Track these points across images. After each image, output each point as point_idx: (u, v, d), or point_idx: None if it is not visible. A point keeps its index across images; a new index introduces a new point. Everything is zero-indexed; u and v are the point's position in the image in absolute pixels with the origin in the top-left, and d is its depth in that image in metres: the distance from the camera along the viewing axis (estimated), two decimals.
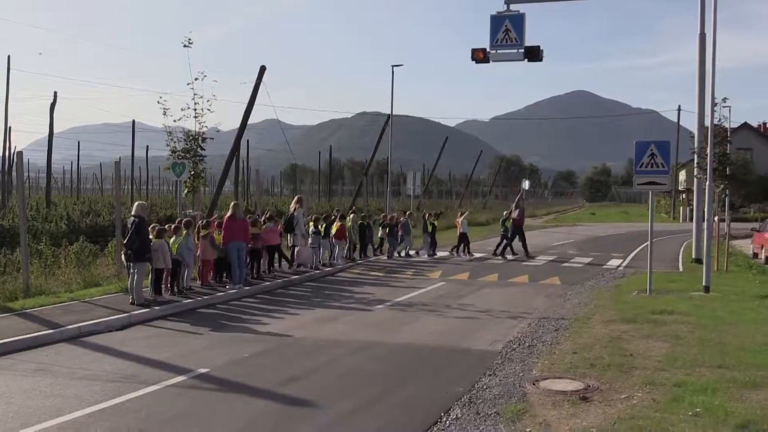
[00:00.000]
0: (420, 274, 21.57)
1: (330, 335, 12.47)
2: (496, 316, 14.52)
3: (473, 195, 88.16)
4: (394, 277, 20.99)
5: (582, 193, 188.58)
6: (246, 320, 13.94)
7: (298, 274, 20.44)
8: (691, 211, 53.08)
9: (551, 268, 23.58)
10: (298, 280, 19.82)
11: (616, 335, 11.63)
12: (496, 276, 21.17)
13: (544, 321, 13.67)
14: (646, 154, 16.56)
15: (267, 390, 8.97)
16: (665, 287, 17.71)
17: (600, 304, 15.31)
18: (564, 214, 78.83)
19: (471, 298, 17.08)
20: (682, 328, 12.16)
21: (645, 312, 13.68)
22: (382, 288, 18.67)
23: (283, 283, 19.05)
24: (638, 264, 24.24)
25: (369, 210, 39.24)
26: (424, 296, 17.28)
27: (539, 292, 18.06)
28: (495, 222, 48.98)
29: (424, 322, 13.86)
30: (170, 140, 20.05)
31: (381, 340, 12.02)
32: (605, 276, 21.31)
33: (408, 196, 39.56)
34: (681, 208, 66.71)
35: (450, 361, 10.59)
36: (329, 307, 15.61)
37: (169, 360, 10.54)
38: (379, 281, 20.15)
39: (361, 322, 13.86)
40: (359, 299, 16.73)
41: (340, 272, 22.08)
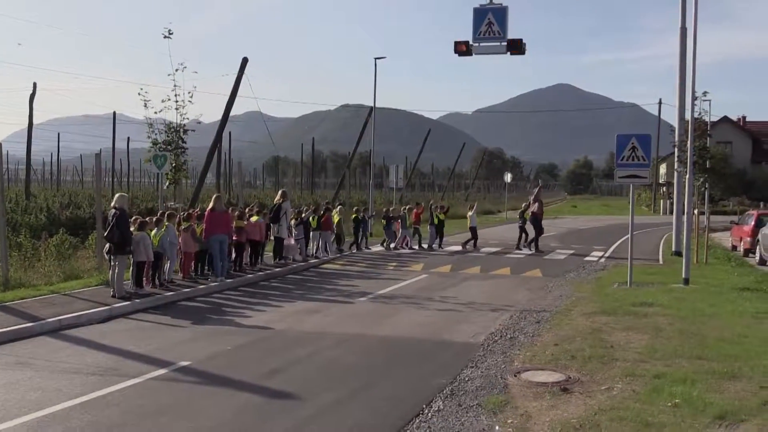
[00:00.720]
0: (402, 267, 21.60)
1: (312, 328, 12.47)
2: (478, 308, 14.57)
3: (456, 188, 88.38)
4: (377, 270, 21.00)
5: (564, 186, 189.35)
6: (228, 313, 13.89)
7: (281, 267, 20.41)
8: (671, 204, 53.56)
9: (533, 260, 23.68)
10: (281, 273, 19.78)
11: (597, 327, 11.71)
12: (478, 268, 21.24)
13: (526, 313, 13.73)
14: (627, 148, 16.67)
15: (249, 382, 8.95)
16: (645, 279, 17.85)
17: (581, 297, 15.40)
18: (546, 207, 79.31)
19: (453, 290, 17.13)
20: (661, 320, 12.26)
21: (625, 304, 13.78)
22: (365, 280, 18.67)
23: (266, 276, 19.00)
24: (619, 256, 24.40)
25: (366, 204, 39.18)
26: (407, 288, 17.30)
27: (521, 285, 18.14)
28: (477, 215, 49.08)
29: (407, 314, 13.89)
30: (151, 132, 19.91)
31: (363, 333, 12.03)
32: (586, 268, 21.44)
33: (391, 188, 39.55)
34: (661, 201, 67.19)
35: (432, 354, 10.61)
36: (312, 299, 15.59)
37: (150, 353, 10.49)
38: (361, 274, 20.15)
39: (344, 314, 13.86)
40: (341, 292, 16.72)
41: (323, 265, 22.06)
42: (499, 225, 41.38)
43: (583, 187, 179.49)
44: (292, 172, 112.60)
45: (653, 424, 6.97)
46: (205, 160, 26.95)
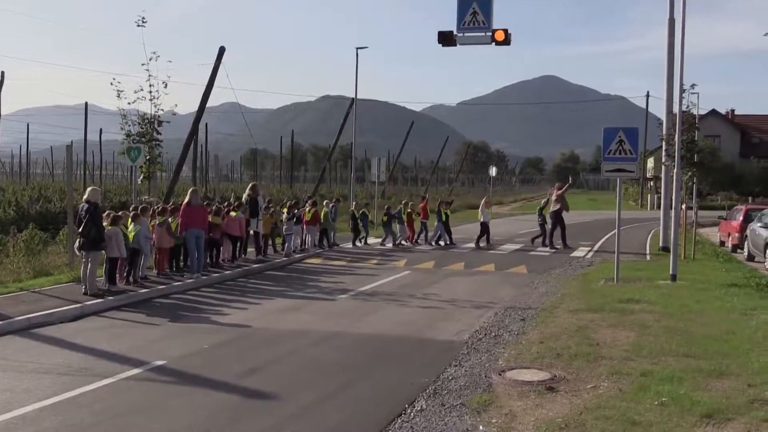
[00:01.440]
0: (385, 263, 21.62)
1: (292, 325, 12.46)
2: (461, 305, 14.61)
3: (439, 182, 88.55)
4: (358, 266, 21.01)
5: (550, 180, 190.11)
6: (204, 310, 13.85)
7: (259, 263, 20.36)
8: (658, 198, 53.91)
9: (518, 256, 23.79)
10: (259, 269, 19.74)
11: (583, 324, 11.79)
12: (461, 265, 21.31)
13: (511, 310, 13.80)
14: (615, 141, 16.77)
15: (226, 382, 8.93)
16: (632, 276, 17.98)
17: (567, 293, 15.50)
18: (531, 202, 79.44)
19: (436, 287, 17.17)
20: (648, 317, 12.36)
21: (612, 301, 13.88)
22: (346, 277, 18.68)
23: (244, 273, 18.96)
24: (606, 252, 24.56)
25: (365, 200, 39.14)
26: (389, 285, 17.32)
27: (506, 281, 18.22)
28: (460, 209, 49.25)
29: (389, 311, 13.91)
30: (124, 124, 19.80)
31: (344, 331, 12.04)
32: (572, 264, 21.57)
33: (372, 182, 39.54)
34: (649, 196, 67.66)
35: (415, 352, 10.64)
36: (291, 296, 15.57)
37: (123, 352, 10.44)
38: (342, 270, 20.16)
39: (324, 311, 13.86)
40: (322, 288, 16.72)
41: (303, 261, 22.04)
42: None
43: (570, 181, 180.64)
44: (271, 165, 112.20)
45: (640, 423, 7.03)
46: (181, 153, 26.78)
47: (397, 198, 47.43)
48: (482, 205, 27.33)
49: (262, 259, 21.05)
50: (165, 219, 17.50)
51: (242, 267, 19.47)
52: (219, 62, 25.63)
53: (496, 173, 60.48)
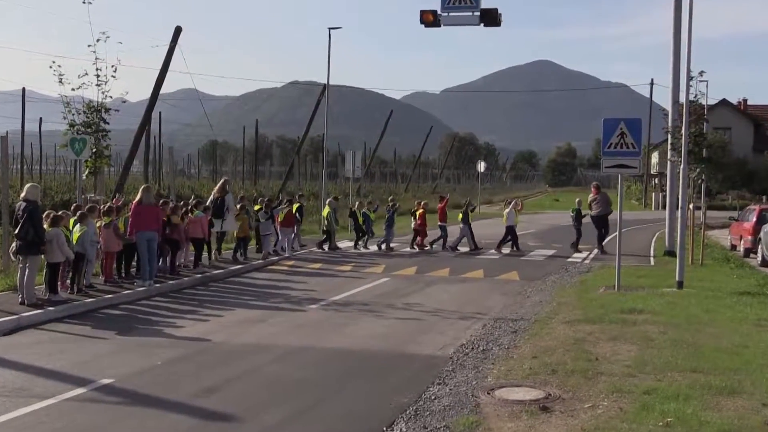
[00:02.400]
0: (360, 269, 21.63)
1: (255, 339, 12.42)
2: (446, 316, 14.65)
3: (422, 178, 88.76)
4: (331, 273, 20.99)
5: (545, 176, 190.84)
6: (157, 323, 13.77)
7: (220, 269, 20.29)
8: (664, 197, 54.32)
9: (509, 261, 23.88)
10: (220, 276, 19.66)
11: (581, 337, 11.85)
12: (446, 271, 21.36)
13: (501, 322, 13.85)
14: (615, 134, 16.88)
15: (182, 402, 8.89)
16: (635, 283, 18.11)
17: (563, 303, 15.58)
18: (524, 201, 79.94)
19: (418, 296, 17.20)
20: (652, 328, 12.46)
21: (612, 311, 13.97)
22: (316, 285, 18.66)
23: (202, 280, 18.88)
24: (606, 257, 24.72)
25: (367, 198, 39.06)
26: (365, 294, 17.33)
27: (495, 289, 18.29)
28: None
29: (364, 323, 13.91)
30: (68, 112, 19.65)
31: (314, 345, 12.02)
32: (569, 270, 21.68)
33: (347, 178, 39.55)
34: (653, 195, 68.17)
35: (394, 368, 10.65)
36: (255, 307, 15.53)
37: (66, 369, 10.35)
38: (313, 277, 20.13)
39: (292, 323, 13.84)
40: (289, 298, 16.69)
41: (270, 267, 21.99)
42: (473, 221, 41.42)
43: (567, 177, 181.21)
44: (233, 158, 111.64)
45: None
46: (131, 145, 26.65)
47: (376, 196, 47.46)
48: (510, 207, 27.18)
49: (221, 265, 20.95)
50: (112, 219, 17.37)
51: (202, 273, 19.39)
52: (174, 44, 25.53)
53: (485, 169, 60.63)
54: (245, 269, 21.06)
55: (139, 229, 17.23)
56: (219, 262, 21.40)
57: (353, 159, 34.91)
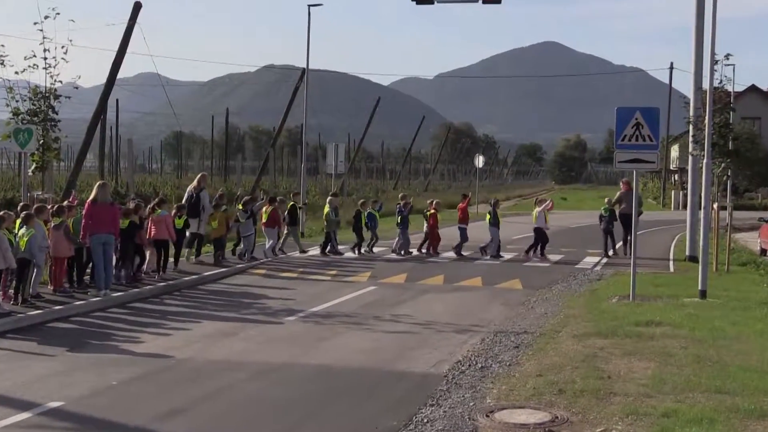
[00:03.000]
0: (344, 276, 21.60)
1: (225, 355, 12.38)
2: (440, 329, 14.64)
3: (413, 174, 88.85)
4: (311, 280, 20.97)
5: (551, 172, 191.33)
6: (114, 337, 13.71)
7: (187, 276, 20.23)
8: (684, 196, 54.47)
9: (510, 268, 23.90)
10: (187, 284, 19.61)
11: (591, 353, 11.86)
12: (440, 278, 21.36)
13: (502, 336, 13.85)
14: (630, 124, 16.90)
15: (141, 427, 8.85)
16: (652, 292, 18.14)
17: (571, 314, 15.59)
18: (527, 199, 79.88)
19: (409, 306, 17.19)
20: (672, 343, 12.48)
21: (627, 323, 13.99)
22: (295, 293, 18.63)
23: (166, 288, 18.81)
24: (619, 262, 24.76)
25: (369, 196, 39.05)
26: (349, 304, 17.31)
27: (495, 299, 18.30)
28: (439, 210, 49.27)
29: (348, 337, 13.89)
30: (11, 99, 19.54)
31: (291, 361, 12.00)
32: (578, 278, 21.71)
33: (328, 174, 39.54)
34: (672, 193, 68.35)
35: (381, 388, 10.63)
36: (225, 318, 15.49)
37: (8, 392, 10.29)
38: (291, 285, 20.10)
39: (266, 337, 13.81)
40: (264, 308, 16.66)
41: (243, 273, 21.95)
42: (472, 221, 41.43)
43: (576, 173, 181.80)
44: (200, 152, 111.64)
45: None
46: (84, 137, 26.52)
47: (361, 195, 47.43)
48: (542, 207, 27.12)
49: (188, 271, 20.90)
50: (63, 221, 17.29)
51: (167, 281, 19.32)
52: (134, 22, 25.42)
53: (484, 163, 60.68)
54: (215, 276, 21.00)
55: (93, 231, 17.13)
56: (187, 268, 21.32)
57: (336, 152, 34.94)
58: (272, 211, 24.54)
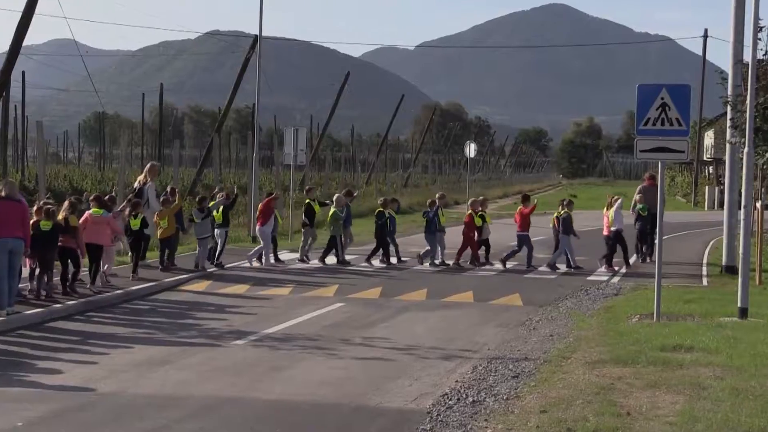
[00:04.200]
0: (304, 290, 21.56)
1: (158, 388, 12.34)
2: (422, 355, 14.64)
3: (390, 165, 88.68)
4: (265, 295, 20.91)
5: (557, 163, 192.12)
6: (21, 366, 13.62)
7: (111, 290, 20.11)
8: (721, 193, 54.80)
9: (508, 280, 23.93)
10: (112, 300, 19.51)
11: (607, 384, 11.90)
12: (423, 293, 21.35)
13: (498, 363, 13.87)
14: (655, 105, 16.94)
15: None
16: (681, 310, 18.21)
17: (583, 337, 15.64)
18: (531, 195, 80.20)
19: (384, 327, 17.21)
20: (705, 372, 12.52)
21: (650, 348, 14.04)
22: (245, 312, 18.61)
23: (86, 306, 18.70)
24: (641, 273, 24.84)
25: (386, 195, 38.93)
26: (311, 325, 17.29)
27: (490, 318, 18.33)
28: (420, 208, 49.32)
29: (310, 365, 13.87)
30: None
31: (240, 396, 11.98)
32: (590, 292, 21.76)
33: (286, 166, 39.38)
34: (706, 189, 68.68)
35: (351, 427, 10.64)
36: (159, 342, 15.44)
37: None
38: (240, 301, 20.05)
39: (210, 366, 13.76)
40: (207, 330, 16.62)
41: (180, 287, 21.90)
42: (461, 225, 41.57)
43: (588, 165, 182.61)
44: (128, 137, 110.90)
45: None
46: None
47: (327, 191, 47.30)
48: (615, 206, 27.05)
49: (116, 285, 20.83)
50: None
51: (87, 297, 19.20)
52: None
53: (476, 153, 60.78)
54: (148, 290, 20.91)
55: None
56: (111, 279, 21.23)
57: (295, 139, 34.79)
58: (265, 204, 25.08)
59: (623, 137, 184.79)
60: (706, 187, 69.55)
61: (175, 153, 39.03)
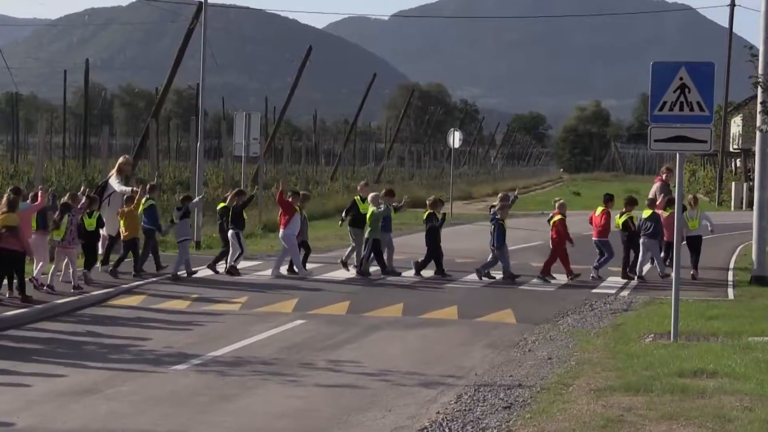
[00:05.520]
0: (258, 305, 21.51)
1: (84, 422, 12.31)
2: (398, 382, 14.66)
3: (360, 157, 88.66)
4: (211, 312, 20.87)
5: (558, 155, 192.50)
6: None
7: (29, 306, 20.02)
8: (750, 190, 55.03)
9: (498, 292, 23.96)
10: (31, 317, 19.43)
11: (616, 416, 11.96)
12: (398, 308, 21.32)
13: (487, 391, 13.89)
14: (673, 87, 16.99)
15: None
16: (703, 328, 18.29)
17: (587, 360, 15.70)
18: (524, 195, 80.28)
19: (352, 349, 17.22)
20: (731, 401, 12.59)
21: (667, 373, 14.11)
22: (188, 331, 18.61)
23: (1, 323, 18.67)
24: (655, 285, 24.94)
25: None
26: (266, 346, 17.28)
27: (477, 338, 18.36)
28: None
29: (265, 394, 13.87)
30: None
31: (181, 430, 11.97)
32: (597, 307, 21.81)
33: (237, 157, 39.37)
34: (733, 186, 68.89)
35: None
36: (85, 367, 15.38)
37: None
38: (182, 318, 20.01)
39: (145, 395, 13.72)
40: (142, 353, 16.58)
41: (112, 300, 21.85)
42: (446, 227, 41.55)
43: (593, 157, 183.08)
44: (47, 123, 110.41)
45: None
46: None
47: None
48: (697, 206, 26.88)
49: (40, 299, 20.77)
50: None
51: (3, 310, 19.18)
52: None
53: (462, 142, 60.79)
54: (72, 305, 20.81)
55: None
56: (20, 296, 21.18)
57: (247, 125, 34.77)
58: (289, 202, 25.54)
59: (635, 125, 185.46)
60: (733, 183, 69.77)
61: (103, 142, 38.81)
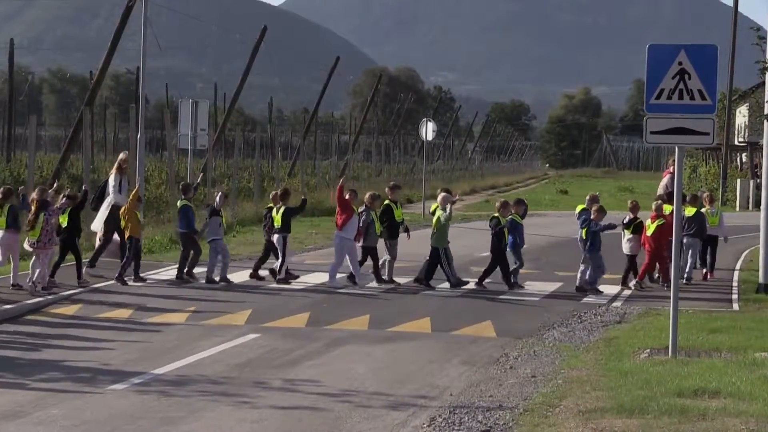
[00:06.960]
0: (207, 317, 21.48)
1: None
2: (363, 403, 14.66)
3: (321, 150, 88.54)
4: (153, 324, 20.83)
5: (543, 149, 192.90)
6: None
7: None
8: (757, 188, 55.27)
9: (476, 303, 24.00)
10: None
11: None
12: (364, 320, 21.32)
13: (463, 413, 13.92)
14: (671, 72, 17.04)
15: None
16: (705, 342, 18.38)
17: (575, 378, 15.74)
18: (506, 193, 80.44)
19: (312, 366, 17.22)
20: (735, 424, 12.65)
21: (664, 392, 14.17)
22: (126, 345, 18.56)
23: None
24: (652, 294, 25.02)
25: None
26: (215, 363, 17.27)
27: (452, 354, 18.38)
28: None
29: (214, 418, 13.86)
30: None
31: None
32: (586, 319, 21.88)
33: (182, 150, 39.31)
34: (738, 183, 69.15)
35: None
36: (8, 386, 15.34)
37: None
38: (119, 332, 19.96)
39: (78, 419, 13.67)
40: (75, 370, 16.53)
41: (51, 306, 21.82)
42: (422, 228, 41.53)
43: (583, 151, 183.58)
44: None
45: None
46: None
47: (233, 186, 47.25)
48: (706, 199, 26.84)
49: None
50: None
51: None
52: None
53: (436, 134, 60.80)
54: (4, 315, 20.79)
55: None
56: None
57: (194, 115, 34.73)
58: (347, 199, 25.67)
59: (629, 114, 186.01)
60: (738, 180, 70.01)
61: (31, 132, 38.64)
